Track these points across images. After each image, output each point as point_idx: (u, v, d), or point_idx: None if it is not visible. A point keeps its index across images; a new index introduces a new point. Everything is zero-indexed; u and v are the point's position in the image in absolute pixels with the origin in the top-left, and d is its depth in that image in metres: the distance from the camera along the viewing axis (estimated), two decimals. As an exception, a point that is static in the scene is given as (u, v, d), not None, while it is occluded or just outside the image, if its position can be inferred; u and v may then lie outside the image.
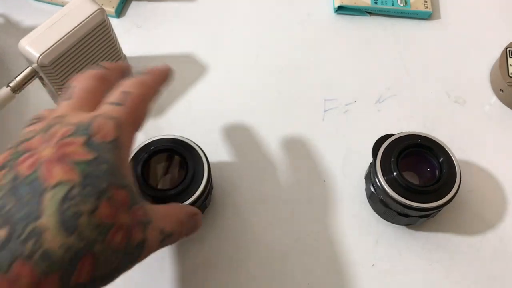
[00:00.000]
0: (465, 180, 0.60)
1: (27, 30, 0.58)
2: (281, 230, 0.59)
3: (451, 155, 0.56)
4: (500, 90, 0.68)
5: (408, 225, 0.60)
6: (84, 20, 0.57)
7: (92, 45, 0.59)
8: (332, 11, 0.76)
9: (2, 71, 0.71)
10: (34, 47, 0.55)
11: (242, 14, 0.77)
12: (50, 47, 0.55)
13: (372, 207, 0.60)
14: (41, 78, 0.60)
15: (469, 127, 0.67)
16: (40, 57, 0.55)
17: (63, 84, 0.59)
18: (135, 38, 0.74)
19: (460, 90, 0.70)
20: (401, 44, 0.74)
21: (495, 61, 0.71)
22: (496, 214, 0.61)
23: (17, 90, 0.58)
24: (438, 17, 0.76)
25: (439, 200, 0.54)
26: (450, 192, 0.54)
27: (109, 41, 0.62)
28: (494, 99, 0.70)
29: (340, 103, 0.68)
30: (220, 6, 0.77)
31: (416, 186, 0.54)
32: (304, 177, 0.63)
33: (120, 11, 0.76)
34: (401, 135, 0.57)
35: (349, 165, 0.64)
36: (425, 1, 0.75)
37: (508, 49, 0.69)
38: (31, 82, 0.59)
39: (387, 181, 0.54)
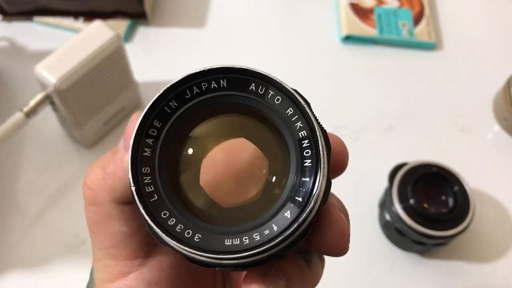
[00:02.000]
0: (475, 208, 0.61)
1: (32, 55, 0.57)
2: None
3: (464, 184, 0.57)
4: (504, 119, 0.70)
5: (421, 252, 0.60)
6: (100, 47, 0.57)
7: (107, 71, 0.59)
8: (338, 40, 0.78)
9: (8, 94, 0.70)
10: (51, 72, 0.55)
11: (249, 41, 0.77)
12: (67, 73, 0.55)
13: (386, 235, 0.61)
14: (53, 103, 0.59)
15: (475, 155, 0.68)
16: (58, 83, 0.54)
17: (76, 109, 0.59)
18: (143, 63, 0.74)
19: (465, 119, 0.71)
20: (407, 74, 0.75)
21: (498, 91, 0.73)
22: (506, 242, 0.61)
23: (30, 115, 0.58)
24: (442, 48, 0.78)
25: (454, 228, 0.55)
26: (465, 221, 0.55)
27: (123, 67, 0.61)
28: (497, 127, 0.71)
29: (350, 130, 0.69)
30: (228, 33, 0.78)
31: (433, 214, 0.55)
32: (316, 204, 0.63)
33: (128, 36, 0.76)
34: (415, 163, 0.58)
35: (361, 193, 0.64)
36: (429, 32, 0.77)
37: (511, 79, 0.71)
38: (44, 107, 0.58)
39: (404, 209, 0.55)
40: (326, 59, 0.76)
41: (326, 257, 0.60)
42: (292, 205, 0.23)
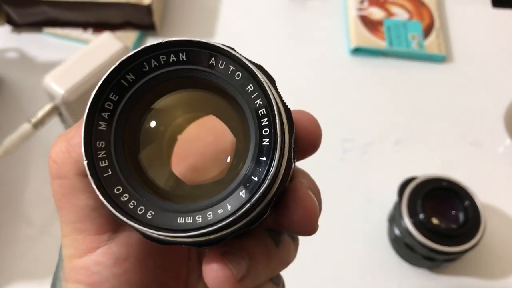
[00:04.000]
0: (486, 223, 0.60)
1: (41, 65, 0.57)
2: (301, 273, 0.58)
3: (475, 198, 0.56)
4: (515, 133, 0.69)
5: (431, 268, 0.59)
6: (109, 58, 0.57)
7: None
8: (347, 52, 0.77)
9: (16, 105, 0.70)
10: (59, 83, 0.55)
11: (258, 53, 0.77)
12: (76, 85, 0.55)
13: (396, 250, 0.60)
14: (60, 114, 0.59)
15: (485, 169, 0.67)
16: (66, 94, 0.54)
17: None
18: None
19: (475, 133, 0.71)
20: (416, 86, 0.75)
21: (509, 104, 0.72)
22: (518, 258, 0.60)
23: (38, 126, 0.58)
24: (452, 60, 0.77)
25: (465, 244, 0.54)
26: (476, 236, 0.54)
27: (131, 79, 0.61)
28: (509, 141, 0.70)
29: (358, 144, 0.68)
30: (236, 45, 0.77)
31: (443, 229, 0.54)
32: (323, 219, 0.62)
33: (137, 48, 0.76)
34: (425, 177, 0.57)
35: (370, 207, 0.63)
36: (439, 45, 0.76)
37: (522, 93, 0.70)
38: (52, 118, 0.58)
39: (413, 224, 0.54)
40: (334, 71, 0.76)
41: (332, 272, 0.59)
42: (247, 184, 0.22)
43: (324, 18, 0.81)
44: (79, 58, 0.57)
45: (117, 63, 0.23)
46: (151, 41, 0.77)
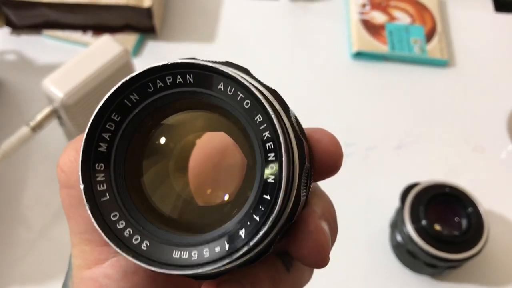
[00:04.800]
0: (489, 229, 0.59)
1: (40, 68, 0.57)
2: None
3: (477, 205, 0.55)
4: (518, 138, 0.69)
5: (433, 275, 0.58)
6: (108, 62, 0.57)
7: (114, 86, 0.59)
8: (349, 56, 0.77)
9: (15, 107, 0.70)
10: (58, 87, 0.54)
11: (259, 56, 0.77)
12: (74, 88, 0.54)
13: (397, 257, 0.59)
14: (59, 118, 0.59)
15: (488, 175, 0.67)
16: (65, 98, 0.54)
17: (82, 124, 0.58)
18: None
19: (478, 138, 0.70)
20: (418, 91, 0.74)
21: (511, 109, 0.71)
22: (521, 265, 0.60)
23: (37, 129, 0.57)
24: (454, 65, 0.77)
25: (468, 251, 0.53)
26: (479, 243, 0.54)
27: (131, 82, 0.61)
28: (511, 147, 0.70)
29: (360, 148, 0.68)
30: (237, 48, 0.78)
31: (446, 236, 0.53)
32: (325, 223, 0.62)
33: (137, 51, 0.76)
34: (428, 183, 0.57)
35: (371, 212, 0.63)
36: (442, 49, 0.76)
37: (525, 98, 0.70)
38: (50, 121, 0.58)
39: (416, 230, 0.54)
40: (336, 76, 0.75)
41: (333, 278, 0.58)
42: (248, 223, 0.21)
43: (326, 22, 0.80)
44: (78, 61, 0.56)
45: (120, 83, 0.22)
46: (151, 44, 0.77)
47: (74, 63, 0.56)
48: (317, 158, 0.26)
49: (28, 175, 0.65)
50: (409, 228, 0.54)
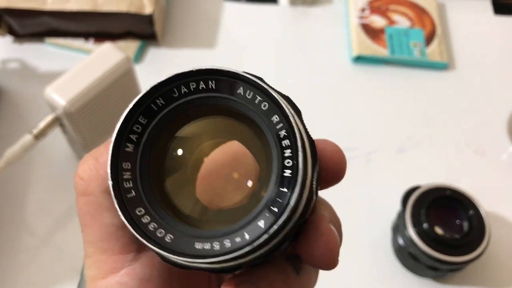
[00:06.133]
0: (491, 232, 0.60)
1: (43, 76, 0.57)
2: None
3: (479, 207, 0.56)
4: (519, 140, 0.69)
5: (435, 278, 0.58)
6: (110, 69, 0.57)
7: (116, 93, 0.59)
8: (349, 60, 0.77)
9: (18, 115, 0.70)
10: (61, 94, 0.55)
11: (259, 62, 0.77)
12: (77, 95, 0.55)
13: (399, 260, 0.59)
14: (62, 125, 0.59)
15: (489, 178, 0.67)
16: (67, 105, 0.54)
17: (85, 131, 0.59)
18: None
19: (479, 141, 0.70)
20: (419, 94, 0.74)
21: (511, 111, 0.72)
22: (523, 267, 0.60)
23: (40, 137, 0.57)
24: (454, 68, 0.77)
25: (469, 253, 0.53)
26: (481, 246, 0.54)
27: (133, 89, 0.61)
28: (512, 149, 0.70)
29: (361, 152, 0.68)
30: (238, 53, 0.78)
31: (447, 239, 0.53)
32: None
33: (139, 57, 0.76)
34: (429, 186, 0.57)
35: (373, 216, 0.63)
36: (441, 52, 0.76)
37: (525, 100, 0.70)
38: (53, 129, 0.58)
39: (417, 233, 0.54)
40: (336, 80, 0.76)
41: (337, 281, 0.58)
42: (267, 215, 0.22)
43: (326, 27, 0.81)
44: (80, 69, 0.57)
45: (149, 88, 0.24)
46: (152, 50, 0.77)
47: (76, 70, 0.57)
48: (322, 166, 0.27)
49: (31, 183, 0.65)
50: (411, 231, 0.54)
